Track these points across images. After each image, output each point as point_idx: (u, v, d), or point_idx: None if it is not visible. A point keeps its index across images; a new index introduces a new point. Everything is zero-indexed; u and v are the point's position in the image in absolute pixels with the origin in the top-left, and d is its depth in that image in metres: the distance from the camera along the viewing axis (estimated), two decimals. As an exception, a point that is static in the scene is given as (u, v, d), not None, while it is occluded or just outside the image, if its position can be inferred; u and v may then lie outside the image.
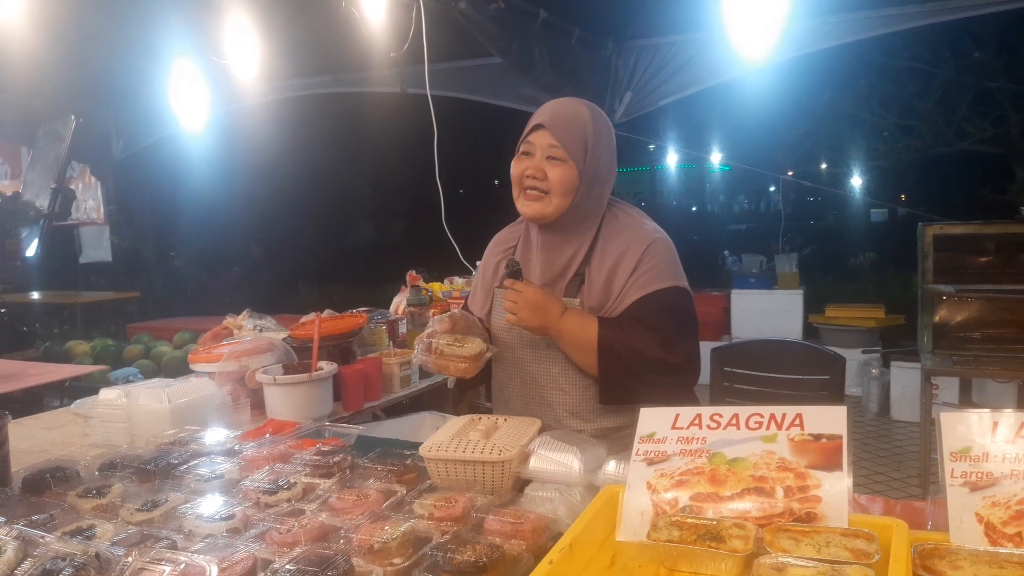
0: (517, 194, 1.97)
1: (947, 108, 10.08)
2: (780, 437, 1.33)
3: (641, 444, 1.44)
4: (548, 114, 1.94)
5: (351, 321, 2.79)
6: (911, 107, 10.26)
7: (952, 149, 10.44)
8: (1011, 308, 4.16)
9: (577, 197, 1.93)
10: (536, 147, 1.93)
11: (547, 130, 1.91)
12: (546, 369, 2.01)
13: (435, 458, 1.65)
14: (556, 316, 1.88)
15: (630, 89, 5.82)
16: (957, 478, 1.23)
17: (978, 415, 1.27)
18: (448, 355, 1.87)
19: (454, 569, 1.22)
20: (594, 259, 1.98)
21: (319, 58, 5.62)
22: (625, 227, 2.00)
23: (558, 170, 1.91)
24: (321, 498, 1.55)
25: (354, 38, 3.99)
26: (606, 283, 1.95)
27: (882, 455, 5.46)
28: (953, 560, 1.14)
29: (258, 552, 1.30)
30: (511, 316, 1.89)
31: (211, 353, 2.49)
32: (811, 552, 1.17)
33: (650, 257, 1.93)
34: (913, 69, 9.90)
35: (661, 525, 1.28)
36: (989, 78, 9.65)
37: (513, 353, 2.05)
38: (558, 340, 1.92)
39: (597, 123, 1.96)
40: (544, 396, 2.01)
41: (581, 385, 1.98)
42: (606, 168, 1.99)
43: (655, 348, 1.85)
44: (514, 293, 1.88)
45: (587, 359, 1.90)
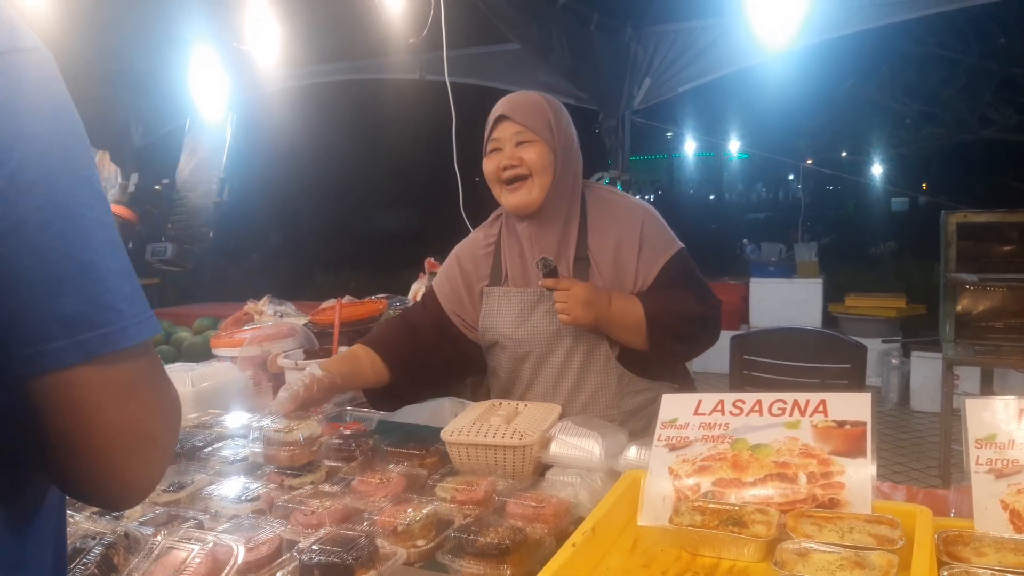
0: (498, 191, 2.00)
1: (971, 95, 9.92)
2: (803, 423, 1.33)
3: (663, 430, 1.44)
4: (505, 106, 1.99)
5: (371, 307, 2.81)
6: (935, 94, 10.11)
7: (976, 137, 10.29)
8: (1035, 297, 4.12)
9: (556, 174, 1.97)
10: (504, 139, 1.97)
11: (509, 119, 1.96)
12: (566, 359, 2.00)
13: (456, 442, 1.66)
14: (606, 305, 1.88)
15: (649, 75, 5.77)
16: (982, 465, 1.23)
17: (1004, 402, 1.26)
18: (274, 442, 1.63)
19: (477, 551, 1.23)
20: (592, 241, 2.00)
21: (338, 44, 5.62)
22: (611, 204, 2.06)
23: (532, 150, 1.94)
24: (344, 481, 1.57)
25: (373, 24, 3.99)
26: (614, 261, 1.98)
27: (902, 445, 5.42)
28: (977, 547, 1.14)
29: (283, 533, 1.32)
30: (564, 316, 1.87)
31: (233, 338, 2.52)
32: (834, 538, 1.17)
33: (651, 228, 2.00)
34: (937, 55, 9.75)
35: (683, 510, 1.28)
36: (1015, 64, 9.49)
37: (528, 351, 2.04)
38: (609, 327, 1.93)
39: (551, 103, 2.02)
40: (566, 384, 2.01)
41: (603, 370, 1.99)
42: (573, 146, 2.04)
43: (695, 306, 1.95)
44: (563, 293, 1.86)
45: (637, 337, 1.93)
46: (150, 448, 0.73)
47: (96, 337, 0.67)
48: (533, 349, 2.02)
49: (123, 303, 0.70)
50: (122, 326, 0.69)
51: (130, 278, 0.72)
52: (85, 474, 0.71)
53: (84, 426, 0.68)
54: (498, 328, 2.07)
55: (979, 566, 1.08)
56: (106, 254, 0.70)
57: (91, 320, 0.67)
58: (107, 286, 0.69)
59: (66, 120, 0.70)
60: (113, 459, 0.70)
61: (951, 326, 4.10)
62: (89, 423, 0.68)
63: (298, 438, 1.60)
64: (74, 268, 0.66)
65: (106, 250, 0.70)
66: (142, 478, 0.74)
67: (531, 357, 2.03)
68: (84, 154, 0.71)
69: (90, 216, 0.69)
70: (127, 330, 0.69)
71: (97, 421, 0.69)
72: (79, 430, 0.68)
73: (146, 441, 0.72)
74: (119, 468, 0.71)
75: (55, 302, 0.65)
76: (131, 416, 0.71)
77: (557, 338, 1.99)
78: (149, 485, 0.75)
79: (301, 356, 2.40)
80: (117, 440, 0.70)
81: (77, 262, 0.67)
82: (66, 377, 0.66)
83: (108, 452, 0.70)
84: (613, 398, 1.99)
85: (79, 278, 0.67)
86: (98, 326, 0.67)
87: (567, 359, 2.00)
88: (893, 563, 1.08)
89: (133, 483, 0.73)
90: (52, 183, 0.67)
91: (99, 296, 0.68)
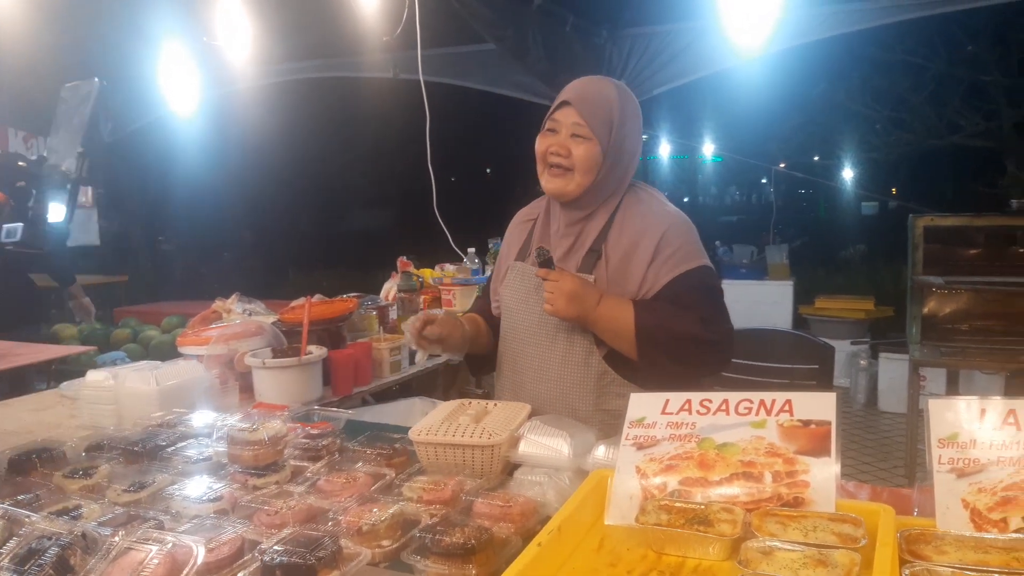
0: (541, 170, 1.98)
1: (939, 101, 10.10)
2: (769, 423, 1.34)
3: (631, 429, 1.44)
4: (575, 92, 1.95)
5: (341, 306, 2.78)
6: (904, 100, 10.28)
7: (944, 142, 10.47)
8: (999, 300, 4.19)
9: (600, 175, 1.94)
10: (561, 124, 1.94)
11: (573, 107, 1.92)
12: (550, 347, 2.00)
13: (425, 442, 1.65)
14: (593, 305, 1.88)
15: (624, 78, 5.80)
16: (944, 464, 1.24)
17: (966, 402, 1.28)
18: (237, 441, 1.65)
19: (442, 551, 1.22)
20: (611, 236, 1.98)
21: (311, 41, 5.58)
22: (646, 207, 2.01)
23: (582, 147, 1.92)
24: (309, 481, 1.55)
25: (346, 21, 3.96)
26: (623, 261, 1.95)
27: (869, 445, 5.49)
28: (939, 545, 1.15)
29: (246, 533, 1.30)
30: (548, 307, 1.88)
31: (200, 336, 2.48)
32: (798, 536, 1.17)
33: (673, 238, 1.94)
34: (906, 62, 9.91)
35: (650, 509, 1.28)
36: (982, 72, 9.67)
37: (520, 330, 2.06)
38: (594, 327, 1.92)
39: (624, 102, 1.96)
40: (547, 373, 2.01)
41: (584, 364, 1.98)
42: (631, 148, 2.00)
43: (695, 327, 1.87)
44: (551, 284, 1.87)
45: (624, 344, 1.90)
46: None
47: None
48: (525, 329, 2.04)
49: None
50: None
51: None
52: None
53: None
54: (506, 302, 2.10)
55: (940, 564, 1.09)
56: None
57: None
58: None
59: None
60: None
61: (917, 328, 4.16)
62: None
63: (263, 437, 1.57)
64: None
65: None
66: None
67: (522, 337, 2.05)
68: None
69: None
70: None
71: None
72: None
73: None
74: None
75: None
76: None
77: (547, 324, 1.99)
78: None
79: (269, 355, 2.37)
80: None
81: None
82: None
83: None
84: (591, 394, 1.97)
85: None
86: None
87: (551, 345, 2.00)
88: (856, 561, 1.09)
89: None
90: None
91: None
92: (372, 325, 3.24)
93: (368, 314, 3.24)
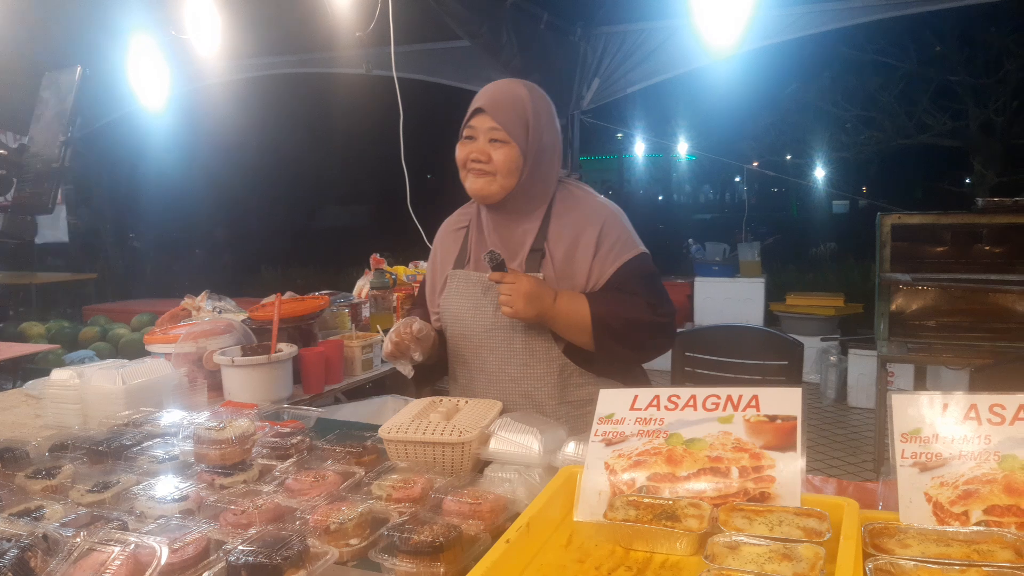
0: (464, 175, 2.00)
1: (909, 101, 10.24)
2: (736, 418, 1.35)
3: (600, 425, 1.44)
4: (487, 97, 1.97)
5: (312, 303, 2.76)
6: (874, 99, 10.41)
7: (912, 142, 10.62)
8: (965, 297, 4.27)
9: (523, 177, 1.97)
10: (478, 131, 1.96)
11: (487, 114, 1.95)
12: (508, 348, 2.01)
13: (395, 439, 1.64)
14: (550, 303, 1.90)
15: (598, 75, 5.82)
16: (907, 459, 1.25)
17: (929, 397, 1.29)
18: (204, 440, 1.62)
19: (410, 549, 1.21)
20: (551, 233, 2.01)
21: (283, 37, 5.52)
22: (580, 202, 2.05)
23: (501, 152, 1.94)
24: (278, 480, 1.53)
25: (319, 17, 3.93)
26: (567, 256, 1.99)
27: (838, 440, 5.57)
28: (902, 539, 1.17)
29: (211, 533, 1.28)
30: (507, 309, 1.89)
31: (167, 334, 2.45)
32: (764, 531, 1.18)
33: (611, 229, 2.00)
34: (876, 62, 10.04)
35: (618, 505, 1.29)
36: (950, 72, 9.83)
37: (473, 336, 2.05)
38: (553, 324, 1.94)
39: (536, 102, 1.99)
40: (508, 374, 2.02)
41: (545, 360, 2.00)
42: (550, 145, 2.02)
43: (645, 312, 1.93)
44: (507, 286, 1.88)
45: (582, 337, 1.94)
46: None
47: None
48: (479, 334, 2.04)
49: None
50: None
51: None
52: None
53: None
54: (452, 310, 2.09)
55: (903, 557, 1.11)
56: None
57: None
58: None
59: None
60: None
61: (885, 324, 4.22)
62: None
63: (230, 436, 1.56)
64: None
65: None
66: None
67: (477, 342, 2.05)
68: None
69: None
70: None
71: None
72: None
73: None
74: None
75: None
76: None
77: (502, 326, 2.00)
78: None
79: (238, 353, 2.35)
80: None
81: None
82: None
83: None
84: (555, 388, 2.00)
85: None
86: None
87: (509, 346, 2.01)
88: (820, 555, 1.10)
89: None
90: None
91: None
92: (344, 323, 3.22)
93: (340, 312, 3.22)
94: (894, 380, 5.32)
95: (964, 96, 9.99)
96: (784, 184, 18.99)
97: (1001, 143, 10.11)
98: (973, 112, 10.01)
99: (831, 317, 7.07)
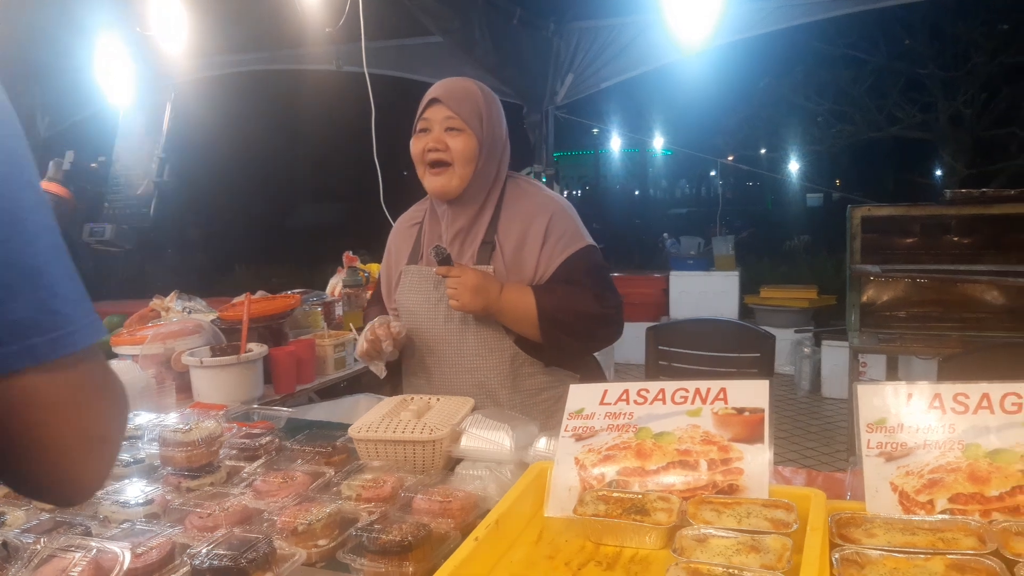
0: (422, 172, 2.03)
1: (879, 94, 10.36)
2: (704, 411, 1.35)
3: (570, 420, 1.44)
4: (442, 89, 2.01)
5: (282, 302, 2.73)
6: (845, 93, 10.52)
7: (883, 134, 10.75)
8: (934, 287, 4.32)
9: (479, 165, 2.00)
10: (433, 121, 1.99)
11: (442, 104, 1.98)
12: (460, 340, 2.03)
13: (365, 439, 1.63)
14: (496, 295, 1.92)
15: (572, 71, 5.82)
16: (873, 448, 1.26)
17: (893, 387, 1.30)
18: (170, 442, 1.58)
19: (379, 549, 1.20)
20: (501, 226, 2.04)
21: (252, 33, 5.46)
22: (528, 195, 2.09)
23: (459, 139, 1.97)
24: (246, 481, 1.52)
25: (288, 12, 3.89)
26: (517, 249, 2.01)
27: (813, 431, 5.62)
28: (868, 528, 1.17)
29: (177, 537, 1.26)
30: (454, 302, 1.92)
31: (135, 336, 2.41)
32: (732, 523, 1.18)
33: (559, 222, 2.03)
34: (847, 56, 10.15)
35: (587, 500, 1.28)
36: (919, 66, 9.95)
37: (427, 330, 2.07)
38: (500, 317, 1.97)
39: (486, 95, 2.05)
40: (462, 365, 2.04)
41: (497, 350, 2.02)
42: (501, 137, 2.07)
43: (591, 304, 1.96)
44: (454, 280, 1.91)
45: (529, 329, 1.96)
46: (101, 447, 0.75)
47: (45, 342, 0.68)
48: (434, 328, 2.06)
49: (70, 307, 0.70)
50: (70, 331, 0.70)
51: (75, 282, 0.73)
52: (39, 475, 0.72)
53: (36, 428, 0.69)
54: (406, 305, 2.11)
55: (869, 547, 1.11)
56: (52, 259, 0.70)
57: (40, 325, 0.68)
58: (54, 291, 0.69)
59: (9, 123, 0.70)
60: (66, 459, 0.71)
61: (856, 316, 4.26)
62: (41, 426, 0.69)
63: (196, 438, 1.54)
64: (22, 274, 0.67)
65: (52, 254, 0.70)
66: (94, 475, 0.76)
67: (432, 335, 2.06)
68: (26, 157, 0.71)
69: (35, 220, 0.69)
70: (74, 335, 0.70)
71: (49, 423, 0.70)
72: (31, 433, 0.69)
73: (96, 440, 0.74)
74: (72, 468, 0.72)
75: (4, 308, 0.66)
76: (81, 417, 0.72)
77: (454, 318, 2.03)
78: (100, 481, 0.78)
79: (207, 354, 2.32)
80: (69, 441, 0.71)
81: (25, 268, 0.67)
82: (17, 382, 0.67)
83: (61, 453, 0.71)
84: (507, 378, 2.03)
85: (27, 284, 0.67)
86: (47, 331, 0.68)
87: (462, 338, 2.03)
88: (787, 546, 1.11)
89: (85, 481, 0.75)
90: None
91: (47, 301, 0.68)
92: (317, 321, 3.19)
93: (313, 310, 3.19)
94: (867, 370, 5.38)
95: (933, 89, 10.12)
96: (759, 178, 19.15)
97: (970, 135, 10.26)
98: (942, 105, 10.14)
99: (805, 309, 7.13)
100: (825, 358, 6.41)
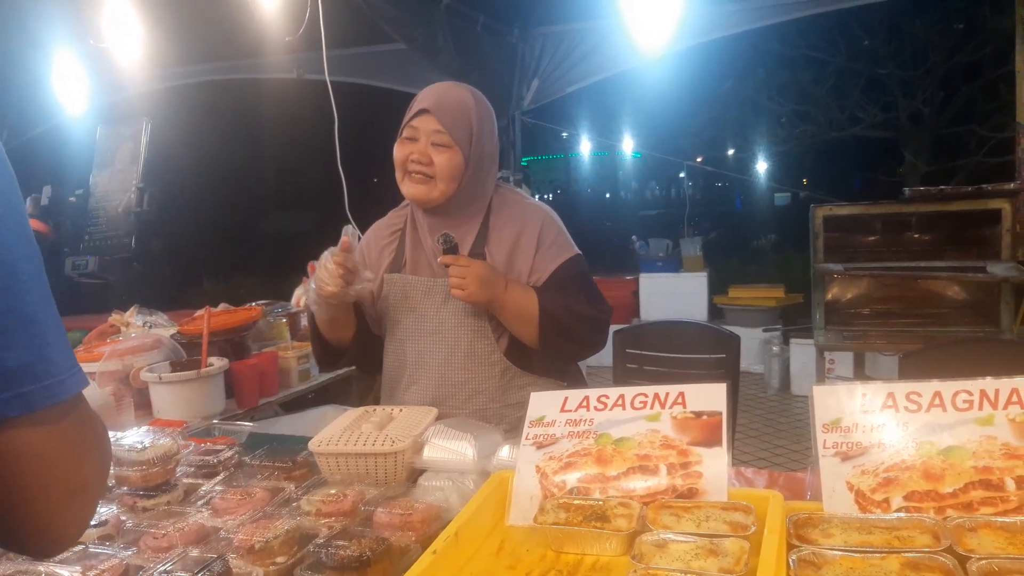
0: (401, 177, 1.96)
1: (840, 94, 10.49)
2: (663, 416, 1.35)
3: (531, 428, 1.43)
4: (433, 99, 1.93)
5: (244, 315, 2.70)
6: (807, 94, 10.64)
7: (846, 134, 10.88)
8: (896, 285, 4.39)
9: (463, 182, 1.94)
10: (421, 132, 1.92)
11: (432, 115, 1.90)
12: (449, 351, 1.99)
13: (325, 452, 1.61)
14: (502, 289, 1.90)
15: (537, 76, 5.84)
16: (829, 448, 1.27)
17: (848, 388, 1.31)
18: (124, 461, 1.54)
19: (337, 564, 1.19)
20: (491, 236, 2.00)
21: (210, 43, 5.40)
22: (516, 204, 2.06)
23: (444, 156, 1.90)
24: (204, 499, 1.49)
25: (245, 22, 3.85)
26: (509, 257, 1.98)
27: (782, 428, 5.67)
28: (825, 528, 1.18)
29: (130, 559, 1.24)
30: (459, 291, 1.87)
31: (92, 352, 2.36)
32: (691, 527, 1.19)
33: (549, 229, 2.02)
34: (807, 57, 10.27)
35: (548, 508, 1.28)
36: (879, 65, 10.10)
37: (413, 340, 2.02)
38: (501, 312, 1.93)
39: (481, 109, 1.97)
40: (449, 378, 2.00)
41: (487, 362, 1.98)
42: (490, 153, 2.01)
43: (587, 307, 1.96)
44: (461, 269, 1.87)
45: (527, 328, 1.93)
46: (82, 498, 0.74)
47: (39, 390, 0.68)
48: (420, 339, 2.01)
49: (60, 356, 0.70)
50: (60, 379, 0.70)
51: (61, 329, 0.73)
52: (19, 525, 0.70)
53: (23, 477, 0.68)
54: (390, 316, 2.06)
55: (826, 547, 1.12)
56: (43, 307, 0.70)
57: (35, 373, 0.68)
58: (47, 339, 0.69)
59: (6, 175, 0.70)
60: (48, 510, 0.70)
61: (821, 314, 4.31)
62: (28, 474, 0.68)
63: (151, 456, 1.51)
64: (19, 321, 0.67)
65: (43, 303, 0.70)
66: (74, 527, 0.74)
67: (418, 347, 2.02)
68: (19, 205, 0.71)
69: (29, 269, 0.69)
70: (64, 383, 0.70)
71: (36, 473, 0.69)
72: (17, 481, 0.68)
73: (78, 491, 0.73)
74: (54, 519, 0.71)
75: (2, 355, 0.65)
76: (67, 467, 0.71)
77: (443, 330, 1.99)
78: (80, 532, 0.76)
79: (166, 369, 2.28)
80: (53, 491, 0.70)
81: (22, 315, 0.67)
82: (8, 430, 0.67)
83: (44, 504, 0.70)
84: (497, 392, 1.99)
85: (23, 332, 0.67)
86: (41, 379, 0.68)
87: (451, 349, 1.99)
88: (745, 549, 1.11)
89: (66, 533, 0.73)
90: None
91: (41, 349, 0.68)
92: (282, 333, 3.16)
93: (278, 322, 3.16)
94: (835, 368, 5.44)
95: (893, 88, 10.27)
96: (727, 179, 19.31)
97: (929, 133, 10.43)
98: (902, 104, 10.30)
99: (773, 308, 7.20)
100: (794, 356, 6.47)
